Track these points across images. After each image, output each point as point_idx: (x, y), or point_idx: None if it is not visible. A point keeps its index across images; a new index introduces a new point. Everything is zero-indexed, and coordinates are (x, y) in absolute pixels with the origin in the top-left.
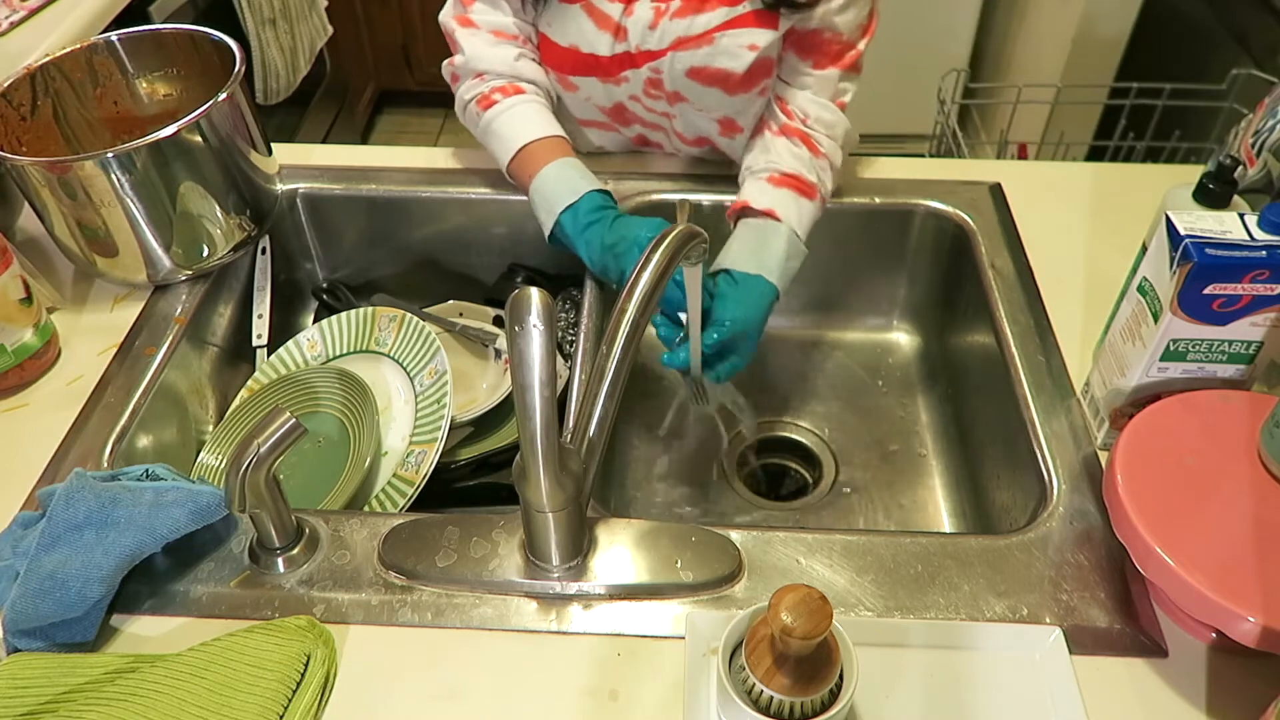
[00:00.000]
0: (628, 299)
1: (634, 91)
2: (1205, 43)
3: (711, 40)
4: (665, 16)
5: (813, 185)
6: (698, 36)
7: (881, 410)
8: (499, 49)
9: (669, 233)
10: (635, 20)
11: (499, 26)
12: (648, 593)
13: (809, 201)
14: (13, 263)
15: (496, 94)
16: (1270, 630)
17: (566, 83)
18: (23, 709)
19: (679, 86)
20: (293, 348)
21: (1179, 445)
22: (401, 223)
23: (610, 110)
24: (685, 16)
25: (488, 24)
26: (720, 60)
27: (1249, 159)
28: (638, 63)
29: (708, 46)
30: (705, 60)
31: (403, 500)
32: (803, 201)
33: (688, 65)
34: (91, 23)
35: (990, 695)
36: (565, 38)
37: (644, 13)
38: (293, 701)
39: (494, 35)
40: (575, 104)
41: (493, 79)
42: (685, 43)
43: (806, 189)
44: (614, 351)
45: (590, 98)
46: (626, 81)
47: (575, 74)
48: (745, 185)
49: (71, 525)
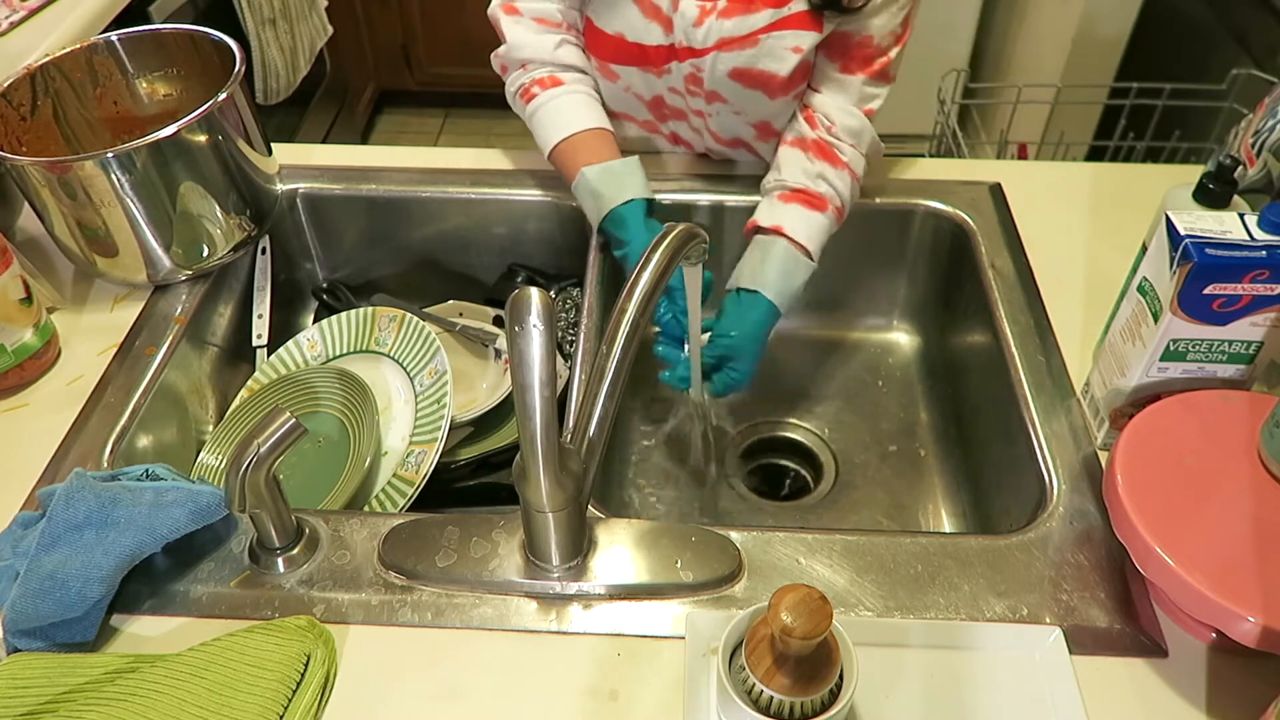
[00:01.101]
0: (628, 299)
1: (674, 84)
2: (1205, 43)
3: (756, 42)
4: (711, 15)
5: (822, 197)
6: (743, 37)
7: (881, 410)
8: (541, 36)
9: (669, 232)
10: (681, 15)
11: (543, 14)
12: (648, 593)
13: (819, 214)
14: (13, 263)
15: (535, 86)
16: (1270, 630)
17: (607, 71)
18: (23, 709)
19: (719, 87)
20: (293, 348)
21: (1179, 445)
22: (401, 223)
23: (649, 103)
24: (732, 17)
25: (532, 10)
26: (764, 62)
27: (1249, 159)
28: (681, 57)
29: (752, 48)
30: (749, 62)
31: (403, 500)
32: (812, 215)
33: (731, 66)
34: (91, 23)
35: (990, 695)
36: (612, 25)
37: (690, 9)
38: (293, 701)
39: (537, 22)
40: (613, 95)
41: (534, 68)
42: (730, 43)
43: (816, 201)
44: (614, 351)
45: (630, 87)
46: (669, 74)
47: (618, 62)
48: (759, 204)
49: (71, 525)
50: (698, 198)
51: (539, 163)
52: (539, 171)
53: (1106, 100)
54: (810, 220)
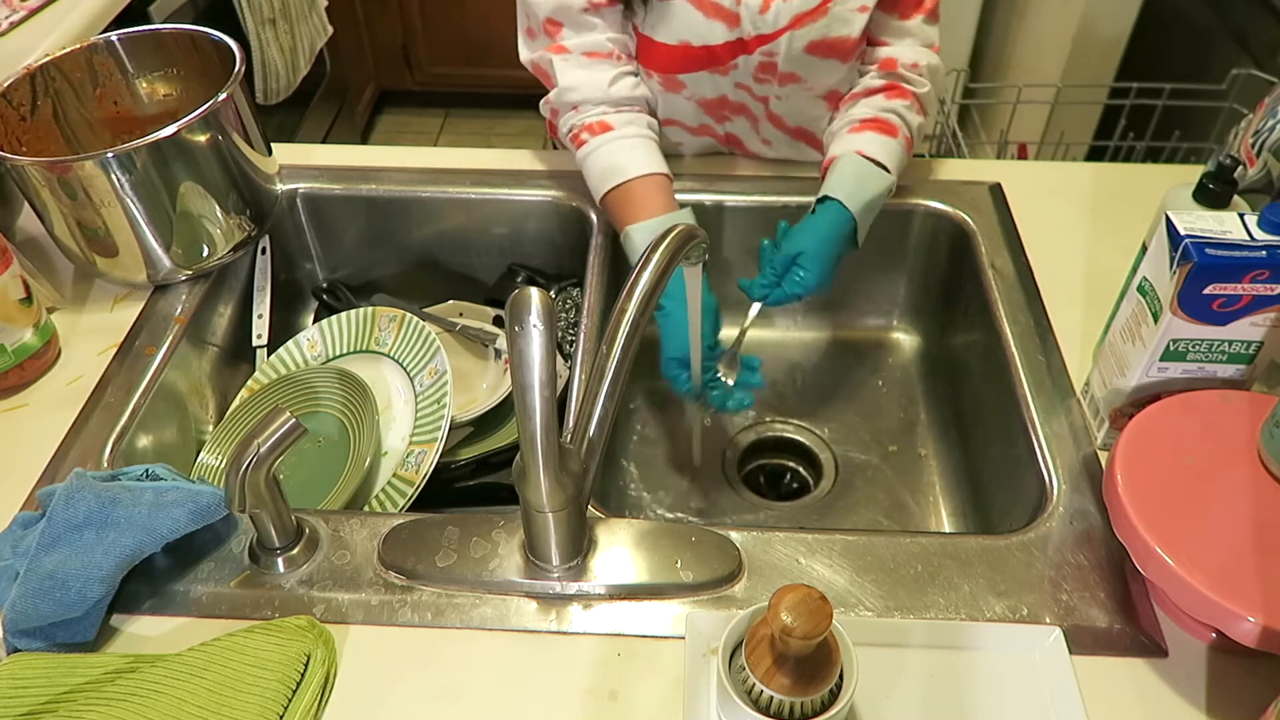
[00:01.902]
0: (628, 299)
1: (741, 79)
2: (1205, 43)
3: (826, 11)
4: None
5: (892, 124)
6: (813, 10)
7: (881, 410)
8: (593, 72)
9: (669, 233)
10: (746, 6)
11: (593, 46)
12: (648, 593)
13: (891, 138)
14: (13, 263)
15: (584, 133)
16: (1270, 630)
17: (673, 83)
18: (23, 709)
19: (795, 66)
20: (293, 348)
21: (1179, 445)
22: (401, 223)
23: (712, 104)
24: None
25: (581, 46)
26: (836, 28)
27: (1249, 159)
28: (750, 49)
29: (823, 19)
30: (823, 32)
31: (403, 500)
32: (884, 138)
33: (806, 41)
34: (91, 23)
35: (990, 695)
36: (673, 35)
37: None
38: (293, 702)
39: (587, 57)
40: (675, 106)
41: (586, 110)
42: (801, 19)
43: (887, 128)
44: (614, 351)
45: (694, 95)
46: (735, 69)
47: (685, 71)
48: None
49: (71, 525)
50: (700, 198)
51: (539, 163)
52: (539, 171)
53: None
54: (883, 142)
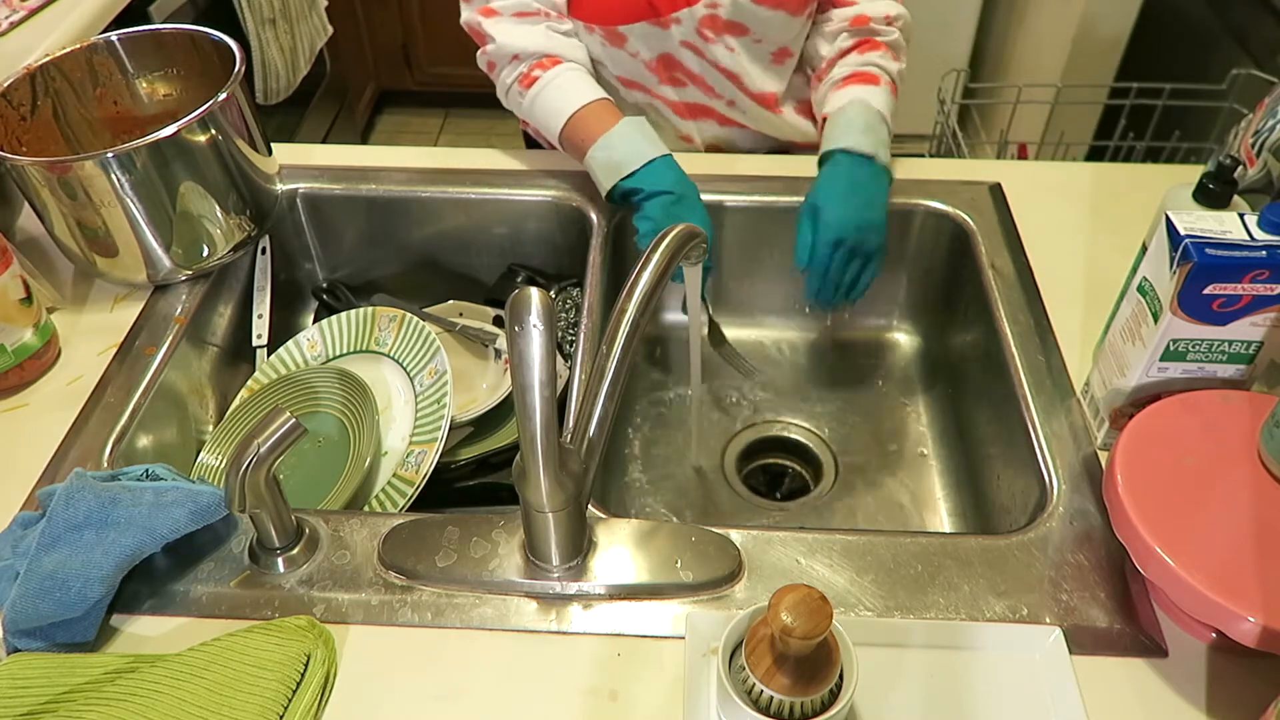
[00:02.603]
0: (628, 299)
1: (685, 36)
2: (1205, 43)
3: None
4: None
5: (874, 75)
6: None
7: (881, 410)
8: (527, 27)
9: (668, 233)
10: None
11: (520, 6)
12: (648, 593)
13: (876, 87)
14: (13, 263)
15: (536, 70)
16: (1270, 630)
17: (613, 35)
18: (23, 709)
19: (740, 15)
20: (293, 348)
21: (1179, 445)
22: (401, 223)
23: (658, 64)
24: None
25: (508, 7)
26: None
27: (1249, 159)
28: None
29: None
30: None
31: (403, 500)
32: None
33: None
34: (91, 23)
35: (990, 695)
36: None
37: None
38: (293, 702)
39: (517, 17)
40: (619, 62)
41: (529, 58)
42: None
43: (870, 79)
44: (614, 351)
45: (637, 52)
46: (678, 24)
47: (623, 22)
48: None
49: (71, 525)
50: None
51: (539, 162)
52: (539, 171)
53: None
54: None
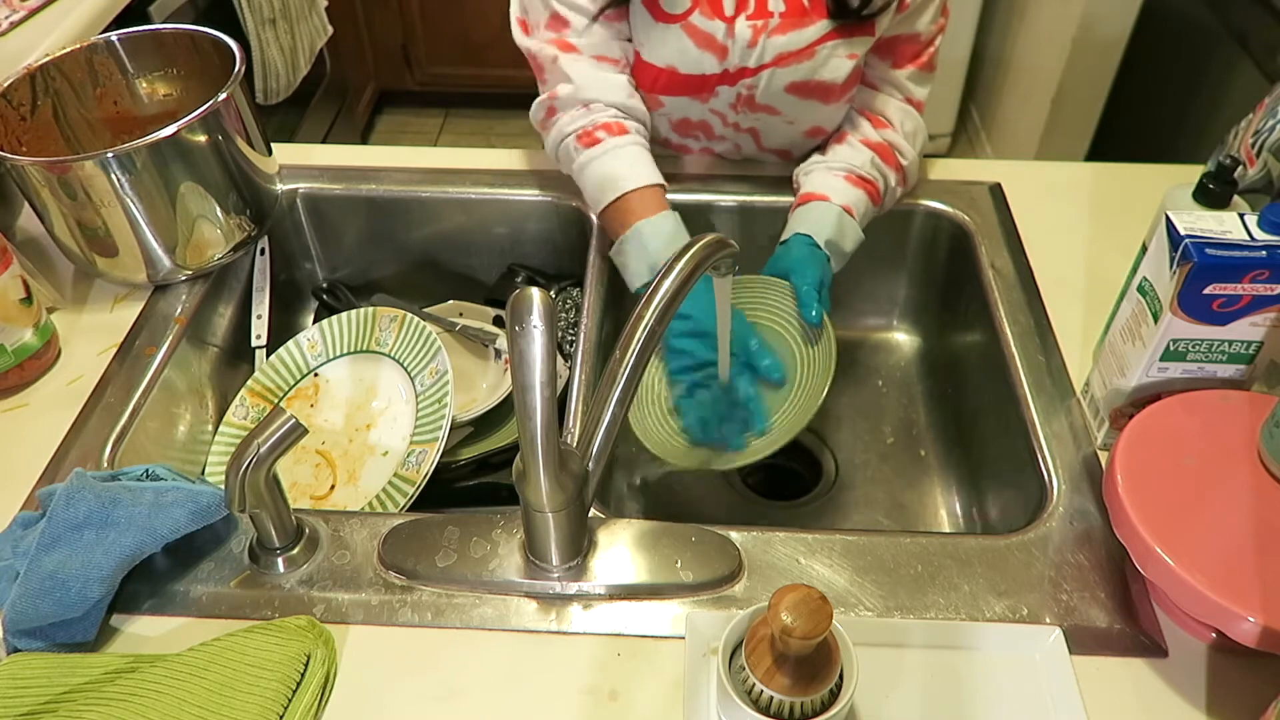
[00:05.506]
0: (646, 306)
1: (719, 107)
2: (1205, 43)
3: (813, 54)
4: (764, 34)
5: (880, 194)
6: (799, 51)
7: (881, 410)
8: (609, 75)
9: (696, 241)
10: (735, 39)
11: (605, 51)
12: (648, 593)
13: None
14: (13, 263)
15: (600, 131)
16: (1270, 630)
17: (654, 101)
18: (23, 709)
19: (773, 101)
20: (293, 348)
21: (1179, 445)
22: (401, 223)
23: (689, 124)
24: (786, 32)
25: (592, 49)
26: (821, 73)
27: (1249, 159)
28: (732, 80)
29: (809, 60)
30: (807, 74)
31: (403, 500)
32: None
33: (787, 81)
34: (91, 23)
35: (990, 695)
36: (663, 59)
37: (743, 31)
38: (293, 702)
39: (598, 60)
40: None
41: (599, 111)
42: (786, 59)
43: (874, 195)
44: (628, 358)
45: (670, 114)
46: (716, 97)
47: (668, 94)
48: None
49: (71, 525)
50: (699, 198)
51: (539, 163)
52: (539, 171)
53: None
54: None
